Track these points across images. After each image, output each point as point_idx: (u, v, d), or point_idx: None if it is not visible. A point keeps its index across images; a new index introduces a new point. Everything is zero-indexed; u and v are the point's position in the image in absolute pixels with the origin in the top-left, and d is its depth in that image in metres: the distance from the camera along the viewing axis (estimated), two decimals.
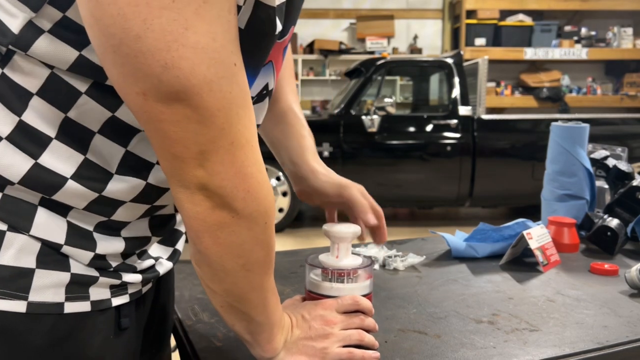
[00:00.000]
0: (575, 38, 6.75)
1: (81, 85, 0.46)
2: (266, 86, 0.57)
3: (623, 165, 1.19)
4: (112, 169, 0.50)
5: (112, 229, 0.53)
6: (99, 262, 0.52)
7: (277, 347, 0.57)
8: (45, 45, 0.44)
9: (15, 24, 0.44)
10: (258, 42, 0.48)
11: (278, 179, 4.14)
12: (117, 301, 0.55)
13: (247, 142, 0.46)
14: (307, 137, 0.81)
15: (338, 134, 4.14)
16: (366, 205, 0.80)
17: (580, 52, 6.67)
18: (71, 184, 0.48)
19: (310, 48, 7.03)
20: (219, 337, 0.68)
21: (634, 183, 1.13)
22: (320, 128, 4.26)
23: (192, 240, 0.49)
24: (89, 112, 0.47)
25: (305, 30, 7.09)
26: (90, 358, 0.52)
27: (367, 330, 0.63)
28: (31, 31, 0.44)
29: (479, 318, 0.75)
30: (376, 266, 0.99)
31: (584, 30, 6.81)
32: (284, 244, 3.84)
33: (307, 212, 4.90)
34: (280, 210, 4.18)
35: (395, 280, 0.92)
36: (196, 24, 0.39)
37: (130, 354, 0.60)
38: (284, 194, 4.15)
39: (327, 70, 7.04)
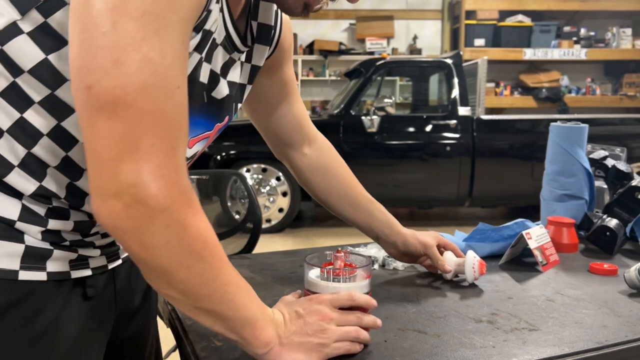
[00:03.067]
0: (575, 38, 6.75)
1: (36, 96, 0.53)
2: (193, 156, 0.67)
3: (622, 166, 1.19)
4: (50, 166, 0.57)
5: (59, 214, 0.59)
6: (52, 237, 0.59)
7: (267, 342, 0.57)
8: (19, 44, 0.52)
9: (0, 22, 0.52)
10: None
11: (278, 179, 4.14)
12: (77, 274, 0.61)
13: (172, 147, 0.49)
14: (388, 212, 0.93)
15: (338, 134, 4.14)
16: (441, 259, 0.90)
17: (579, 53, 6.67)
18: (16, 171, 0.55)
19: (310, 48, 7.03)
20: (219, 337, 0.68)
21: (633, 183, 1.14)
22: (320, 128, 4.22)
23: (126, 251, 0.52)
24: (40, 116, 0.54)
25: (305, 30, 7.08)
26: (49, 319, 0.58)
27: (366, 328, 0.63)
28: (12, 30, 0.52)
29: (479, 317, 0.75)
30: (376, 266, 0.99)
31: (583, 31, 6.81)
32: (284, 244, 3.84)
33: (307, 212, 4.90)
34: (280, 210, 4.17)
35: (394, 280, 0.92)
36: (153, 39, 0.47)
37: (98, 322, 0.65)
38: (284, 194, 4.15)
39: (327, 70, 7.04)
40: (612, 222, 1.10)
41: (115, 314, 0.71)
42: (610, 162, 1.22)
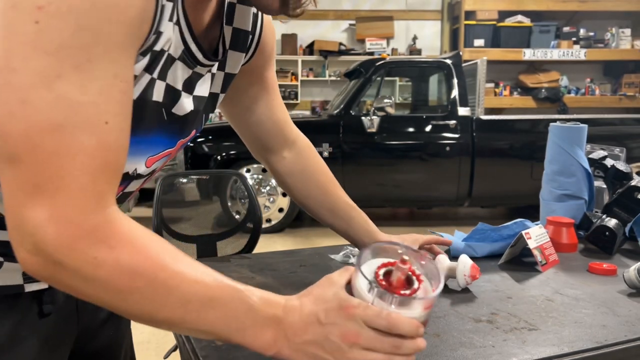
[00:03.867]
0: (574, 39, 6.75)
1: None
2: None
3: (621, 166, 1.19)
4: None
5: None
6: (1, 248, 0.55)
7: (264, 347, 0.51)
8: None
9: None
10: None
11: None
12: (32, 287, 0.58)
13: (81, 188, 0.44)
14: (369, 220, 0.91)
15: (338, 134, 4.14)
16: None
17: (578, 53, 6.67)
18: None
19: (310, 49, 7.03)
20: None
21: (632, 183, 1.14)
22: (320, 128, 4.26)
23: None
24: None
25: (305, 31, 7.08)
26: (4, 336, 0.56)
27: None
28: None
29: (478, 317, 0.75)
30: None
31: (582, 31, 6.82)
32: (284, 244, 3.84)
33: None
34: (281, 210, 4.17)
35: None
36: (71, 76, 0.43)
37: (59, 335, 0.63)
38: (284, 194, 4.15)
39: (327, 71, 7.03)
40: (612, 222, 1.10)
41: (80, 325, 0.68)
42: (609, 162, 1.22)
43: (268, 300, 0.52)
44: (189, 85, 0.61)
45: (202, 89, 0.65)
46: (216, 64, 0.66)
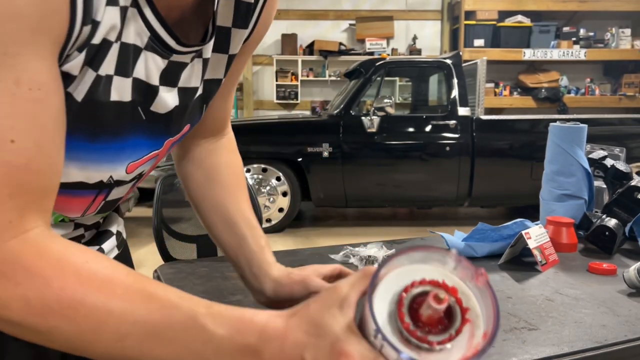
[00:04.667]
0: (574, 39, 6.76)
1: None
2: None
3: (621, 165, 1.20)
4: None
5: None
6: None
7: None
8: None
9: None
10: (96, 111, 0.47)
11: (278, 179, 4.14)
12: None
13: None
14: (267, 248, 0.71)
15: (338, 134, 4.15)
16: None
17: (578, 53, 6.68)
18: None
19: (310, 49, 7.03)
20: None
21: (632, 183, 1.14)
22: (320, 129, 4.27)
23: None
24: None
25: (305, 31, 7.09)
26: None
27: None
28: None
29: None
30: (376, 265, 0.99)
31: (582, 31, 6.82)
32: (284, 244, 3.84)
33: (307, 212, 4.90)
34: (281, 210, 4.17)
35: None
36: None
37: (43, 349, 0.59)
38: (284, 194, 4.16)
39: (327, 71, 7.04)
40: (611, 222, 1.10)
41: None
42: (609, 162, 1.22)
43: (238, 323, 0.41)
44: (169, 78, 0.54)
45: (191, 79, 0.57)
46: (209, 47, 0.57)
